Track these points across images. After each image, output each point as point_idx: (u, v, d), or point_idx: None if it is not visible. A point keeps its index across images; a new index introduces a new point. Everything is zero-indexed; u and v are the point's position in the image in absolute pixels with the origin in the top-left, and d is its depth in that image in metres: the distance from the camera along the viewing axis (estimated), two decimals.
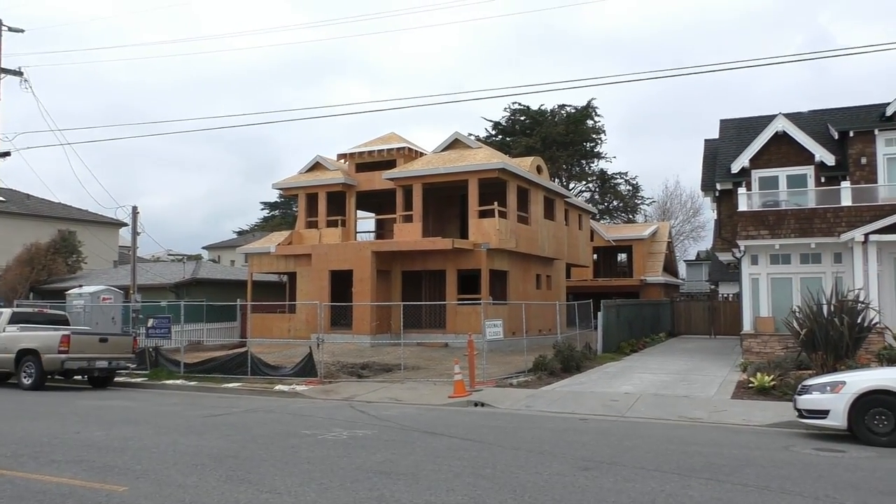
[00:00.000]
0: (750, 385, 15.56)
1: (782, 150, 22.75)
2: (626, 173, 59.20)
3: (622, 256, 48.76)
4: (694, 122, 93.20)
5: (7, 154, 26.24)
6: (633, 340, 27.73)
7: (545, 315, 28.88)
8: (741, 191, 21.80)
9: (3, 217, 40.93)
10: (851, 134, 21.84)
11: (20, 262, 36.44)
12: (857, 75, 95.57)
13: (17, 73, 25.99)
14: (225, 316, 29.87)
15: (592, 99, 56.50)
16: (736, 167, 22.96)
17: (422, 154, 30.65)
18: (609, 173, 58.88)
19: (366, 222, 35.01)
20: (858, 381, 10.61)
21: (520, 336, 21.32)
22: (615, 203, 60.28)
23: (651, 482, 7.63)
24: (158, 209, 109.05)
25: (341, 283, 28.30)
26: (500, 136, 56.49)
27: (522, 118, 57.02)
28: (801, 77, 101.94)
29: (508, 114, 57.31)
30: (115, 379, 19.44)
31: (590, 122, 56.67)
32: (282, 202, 64.88)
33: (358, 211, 32.01)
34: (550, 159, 48.72)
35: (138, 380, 19.67)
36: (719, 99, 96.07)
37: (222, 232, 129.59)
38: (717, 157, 25.42)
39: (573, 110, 56.17)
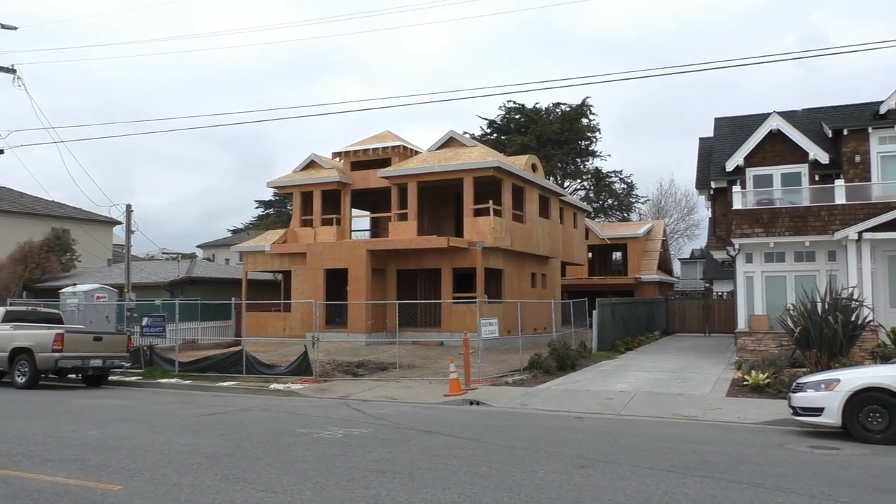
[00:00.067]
0: (744, 383, 15.61)
1: (777, 149, 22.81)
2: (620, 171, 59.42)
3: (617, 255, 48.87)
4: (688, 120, 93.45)
5: (0, 152, 26.13)
6: (627, 339, 27.78)
7: (540, 313, 28.91)
8: (736, 189, 21.86)
9: None
10: (845, 132, 21.91)
11: (13, 260, 36.32)
12: (851, 74, 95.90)
13: (10, 70, 25.82)
14: (220, 315, 29.81)
15: (587, 97, 56.65)
16: (730, 165, 23.01)
17: (417, 152, 30.62)
18: (604, 172, 58.99)
19: (361, 221, 34.98)
20: (853, 378, 10.66)
21: (515, 334, 21.34)
22: (610, 201, 60.39)
23: (647, 480, 7.65)
24: (153, 207, 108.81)
25: (336, 282, 28.28)
26: (495, 135, 56.53)
27: (517, 116, 57.06)
28: (796, 76, 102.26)
29: (503, 112, 57.39)
30: (110, 378, 19.42)
31: (584, 121, 56.77)
32: (276, 200, 64.73)
33: (353, 209, 31.98)
34: (545, 157, 48.75)
35: (133, 379, 19.64)
36: (714, 98, 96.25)
37: (217, 230, 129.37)
38: (711, 155, 25.46)
39: (568, 109, 56.20)
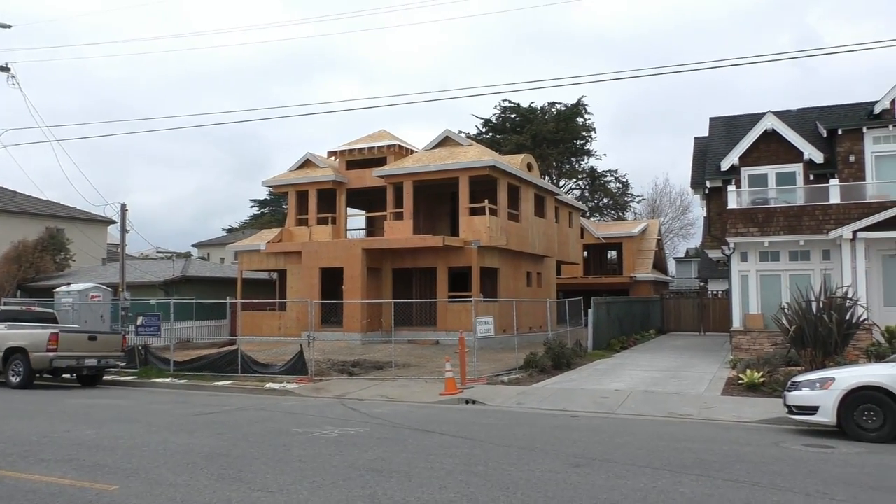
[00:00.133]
0: (740, 382, 15.65)
1: (771, 148, 22.86)
2: (615, 171, 59.46)
3: (612, 254, 48.93)
4: (684, 120, 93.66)
5: None
6: (623, 337, 27.82)
7: (536, 312, 28.93)
8: (731, 188, 21.90)
9: None
10: (840, 132, 21.97)
11: (7, 259, 36.19)
12: (845, 74, 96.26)
13: (4, 69, 25.73)
14: (215, 314, 29.78)
15: (583, 97, 56.69)
16: (725, 165, 23.05)
17: (412, 151, 30.60)
18: (599, 171, 59.05)
19: (356, 220, 34.94)
20: (847, 377, 10.69)
21: (510, 333, 21.35)
22: (605, 200, 60.45)
23: (642, 479, 7.67)
24: (147, 206, 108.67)
25: (332, 281, 28.24)
26: (491, 134, 56.52)
27: (513, 115, 57.05)
28: (790, 76, 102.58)
29: (499, 111, 57.37)
30: (105, 377, 19.37)
31: (580, 120, 56.79)
32: (271, 199, 64.64)
33: (348, 208, 31.93)
34: (541, 157, 48.79)
35: (128, 378, 19.59)
36: (709, 97, 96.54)
37: (211, 229, 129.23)
38: (706, 154, 25.51)
39: (563, 108, 56.21)
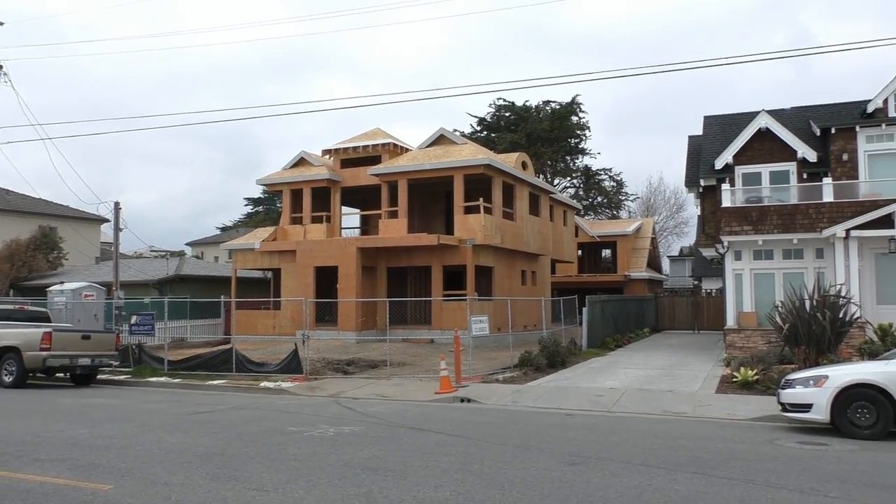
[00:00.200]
0: (734, 380, 15.70)
1: (765, 147, 22.94)
2: (610, 169, 59.60)
3: (606, 252, 49.01)
4: (678, 119, 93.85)
5: None
6: (617, 336, 27.88)
7: (530, 311, 28.96)
8: (725, 187, 21.97)
9: None
10: (833, 131, 22.05)
11: (0, 258, 35.99)
12: (839, 73, 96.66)
13: None
14: (209, 313, 29.68)
15: (577, 95, 56.78)
16: (719, 163, 23.12)
17: (407, 150, 30.57)
18: (593, 169, 59.14)
19: (351, 218, 34.92)
20: (841, 374, 10.74)
21: (505, 332, 21.37)
22: (599, 199, 60.55)
23: (638, 476, 7.68)
24: (141, 205, 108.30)
25: (326, 280, 28.21)
26: (485, 132, 56.55)
27: (507, 114, 57.09)
28: (784, 75, 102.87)
29: (493, 110, 57.40)
30: (98, 376, 19.29)
31: (574, 119, 56.87)
32: (266, 198, 64.50)
33: (343, 207, 31.88)
34: (535, 155, 48.82)
35: (121, 377, 19.53)
36: (703, 96, 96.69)
37: (205, 228, 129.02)
38: (700, 153, 25.57)
39: (558, 106, 56.30)
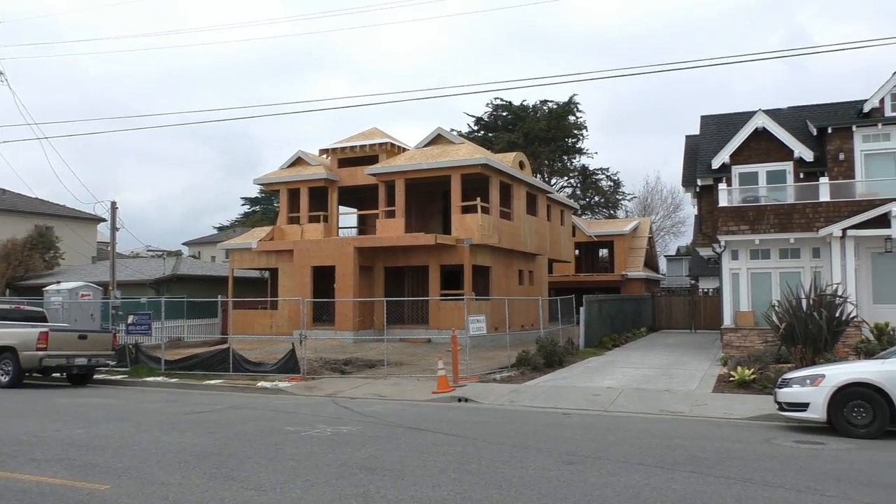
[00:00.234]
0: (731, 379, 15.72)
1: (762, 147, 22.98)
2: (607, 169, 59.56)
3: (604, 252, 49.03)
4: (675, 118, 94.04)
5: None
6: (614, 335, 27.91)
7: (528, 310, 28.97)
8: (721, 186, 22.00)
9: None
10: (830, 130, 22.10)
11: None
12: (836, 73, 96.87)
13: None
14: (206, 312, 29.64)
15: (574, 95, 56.72)
16: (716, 163, 23.16)
17: (404, 149, 30.55)
18: (590, 169, 59.14)
19: (348, 218, 34.91)
20: (837, 374, 10.76)
21: (503, 331, 21.38)
22: (597, 199, 60.55)
23: (635, 476, 7.69)
24: (137, 204, 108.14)
25: (323, 279, 28.19)
26: (483, 132, 56.49)
27: (504, 114, 57.04)
28: (781, 75, 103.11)
29: (490, 109, 57.35)
30: (95, 376, 19.25)
31: (571, 118, 56.85)
32: (263, 198, 64.39)
33: (340, 206, 31.86)
34: (532, 155, 48.82)
35: (118, 377, 19.49)
36: (700, 96, 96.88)
37: (202, 227, 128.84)
38: (697, 153, 25.61)
39: (555, 106, 56.25)
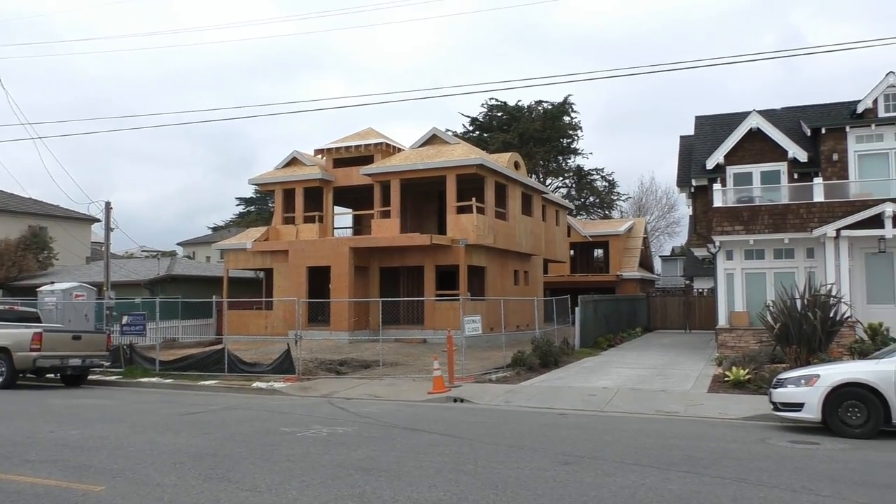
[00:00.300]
0: (725, 379, 15.77)
1: (756, 147, 23.04)
2: (602, 169, 59.69)
3: (599, 252, 49.13)
4: (669, 119, 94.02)
5: None
6: (610, 335, 27.95)
7: (523, 311, 28.99)
8: (716, 187, 22.03)
9: None
10: (823, 131, 22.16)
11: None
12: (830, 74, 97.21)
13: None
14: (201, 313, 29.57)
15: (569, 95, 56.86)
16: (711, 163, 23.20)
17: (399, 149, 30.53)
18: (585, 169, 59.24)
19: (343, 218, 34.88)
20: (832, 374, 10.79)
21: (498, 332, 21.38)
22: (591, 199, 60.66)
23: (631, 476, 7.70)
24: (132, 205, 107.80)
25: (319, 280, 28.14)
26: (478, 132, 56.53)
27: (499, 114, 57.09)
28: (775, 76, 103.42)
29: (486, 110, 57.38)
30: (89, 377, 19.18)
31: (566, 119, 56.94)
32: (258, 198, 64.27)
33: (335, 207, 31.82)
34: (527, 155, 48.87)
35: (113, 378, 19.42)
36: (695, 96, 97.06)
37: (197, 228, 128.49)
38: (692, 153, 25.65)
39: (550, 106, 56.33)
